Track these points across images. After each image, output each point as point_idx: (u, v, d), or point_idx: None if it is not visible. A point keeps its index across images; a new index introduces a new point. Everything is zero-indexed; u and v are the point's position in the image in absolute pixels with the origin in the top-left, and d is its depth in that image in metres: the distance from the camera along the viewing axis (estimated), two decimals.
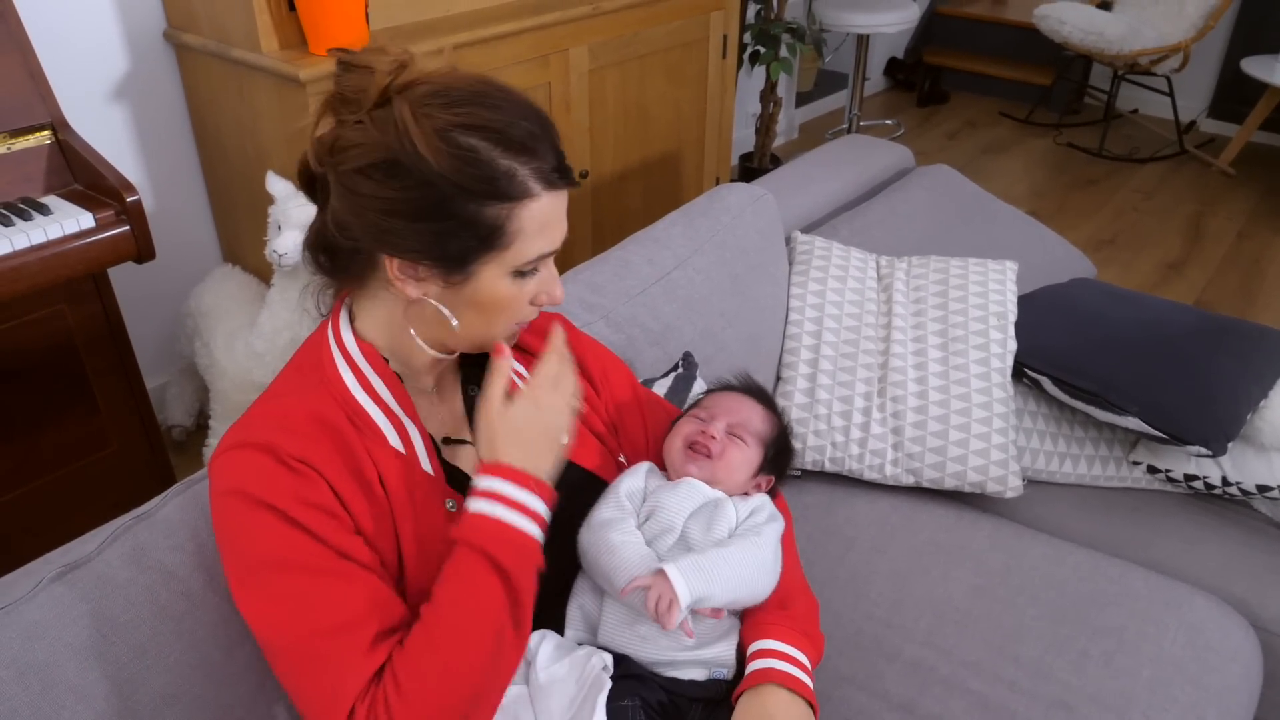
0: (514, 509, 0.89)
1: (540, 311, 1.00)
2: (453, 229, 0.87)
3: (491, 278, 0.91)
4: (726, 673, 1.03)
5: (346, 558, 0.87)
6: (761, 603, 1.06)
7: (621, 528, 1.03)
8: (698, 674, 1.02)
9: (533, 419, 0.93)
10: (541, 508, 0.91)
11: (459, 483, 1.00)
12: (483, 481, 0.90)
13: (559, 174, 0.91)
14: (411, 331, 0.96)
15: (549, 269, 0.96)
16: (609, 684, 0.96)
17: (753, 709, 0.97)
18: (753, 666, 1.00)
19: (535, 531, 0.90)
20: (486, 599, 0.86)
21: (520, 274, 0.92)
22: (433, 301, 0.93)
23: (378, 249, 0.90)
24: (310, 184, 0.97)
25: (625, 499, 1.06)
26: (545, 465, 0.93)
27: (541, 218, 0.90)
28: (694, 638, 1.00)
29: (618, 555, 1.00)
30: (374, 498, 0.92)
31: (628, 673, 0.99)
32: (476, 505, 0.89)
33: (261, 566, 0.86)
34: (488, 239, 0.88)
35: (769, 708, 0.96)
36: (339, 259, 0.95)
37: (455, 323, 0.94)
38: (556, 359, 0.98)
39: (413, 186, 0.86)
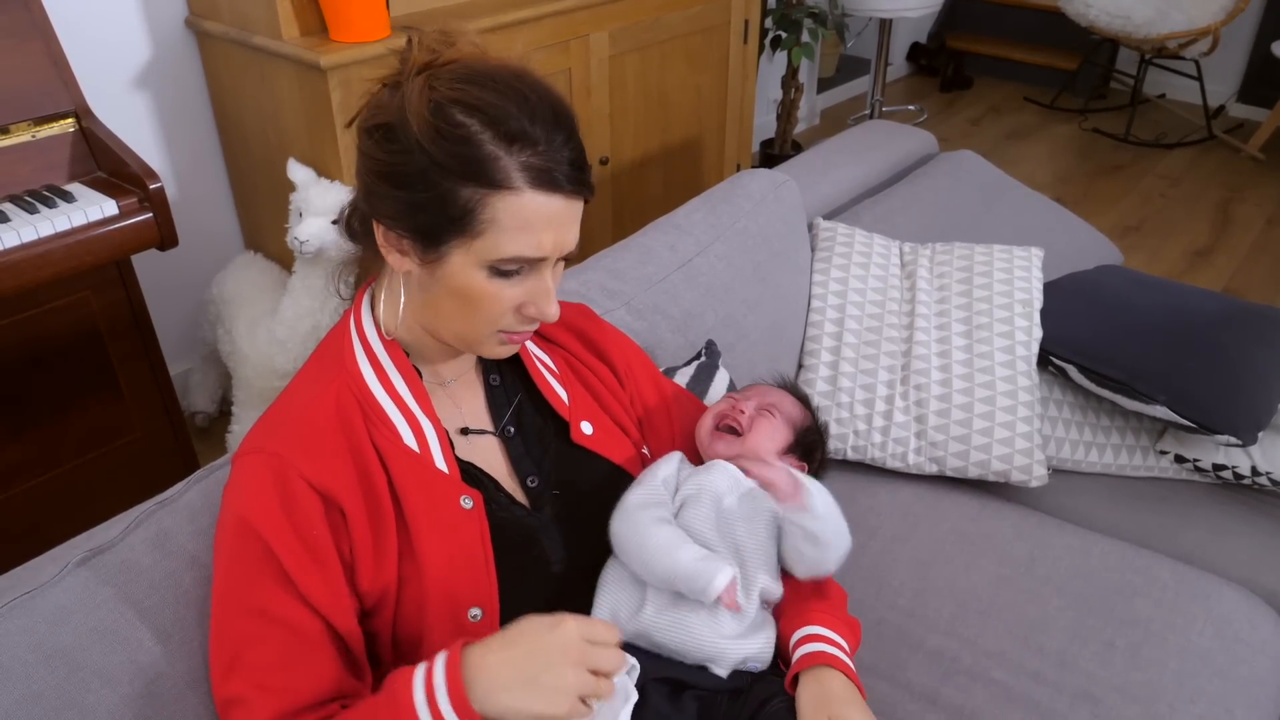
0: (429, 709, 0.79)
1: (536, 326, 0.96)
2: (423, 201, 0.87)
3: (462, 264, 0.89)
4: (760, 666, 1.02)
5: (314, 611, 0.88)
6: (801, 589, 1.06)
7: (655, 513, 1.01)
8: (725, 669, 1.01)
9: (519, 655, 0.80)
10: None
11: (474, 478, 0.99)
12: (438, 671, 0.80)
13: (560, 177, 0.86)
14: (405, 320, 0.98)
15: (540, 280, 0.91)
16: (635, 695, 0.92)
17: (814, 691, 0.96)
18: (806, 649, 0.99)
19: None
20: None
21: (498, 272, 0.89)
22: (403, 280, 0.94)
23: (368, 212, 0.92)
24: None
25: (661, 484, 1.05)
26: (506, 702, 0.79)
27: (521, 215, 0.86)
28: (740, 610, 0.99)
29: (651, 538, 0.99)
30: (379, 508, 0.92)
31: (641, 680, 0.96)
32: (416, 685, 0.80)
33: (233, 599, 0.88)
34: (458, 221, 0.86)
35: (832, 689, 0.96)
36: (361, 225, 0.98)
37: (403, 299, 0.95)
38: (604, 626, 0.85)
39: (398, 152, 0.87)
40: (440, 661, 0.81)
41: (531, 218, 0.87)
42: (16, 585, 0.95)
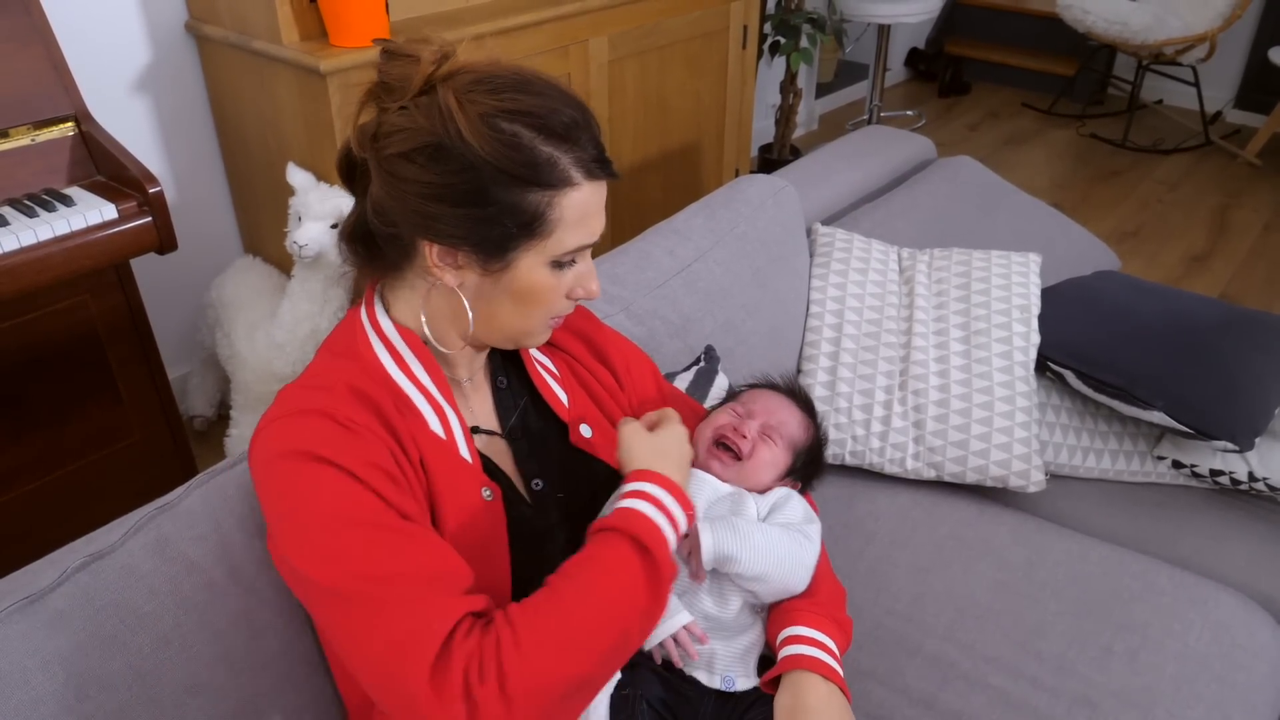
0: (663, 513, 0.92)
1: (576, 306, 1.00)
2: (494, 215, 0.87)
3: (529, 266, 0.91)
4: (740, 684, 1.02)
5: (412, 521, 0.86)
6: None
7: None
8: (708, 679, 1.01)
9: (675, 444, 1.01)
10: (683, 519, 0.94)
11: (493, 473, 0.99)
12: (639, 484, 0.94)
13: (599, 165, 0.91)
14: (428, 327, 0.96)
15: (586, 262, 0.96)
16: (616, 675, 0.96)
17: (787, 700, 0.96)
18: (785, 652, 1.00)
19: (673, 538, 0.92)
20: (627, 585, 0.86)
21: (558, 265, 0.93)
22: (460, 294, 0.92)
23: (418, 235, 0.90)
24: (349, 174, 0.96)
25: None
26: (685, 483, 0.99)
27: (582, 208, 0.90)
28: (694, 658, 0.99)
29: None
30: (417, 477, 0.92)
31: (630, 663, 0.99)
32: (630, 503, 0.92)
33: (331, 520, 0.82)
34: (528, 226, 0.88)
35: (805, 694, 0.96)
36: (376, 248, 0.95)
37: (471, 316, 0.93)
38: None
39: (456, 171, 0.86)
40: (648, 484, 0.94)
41: (588, 208, 0.91)
42: (16, 590, 0.95)
